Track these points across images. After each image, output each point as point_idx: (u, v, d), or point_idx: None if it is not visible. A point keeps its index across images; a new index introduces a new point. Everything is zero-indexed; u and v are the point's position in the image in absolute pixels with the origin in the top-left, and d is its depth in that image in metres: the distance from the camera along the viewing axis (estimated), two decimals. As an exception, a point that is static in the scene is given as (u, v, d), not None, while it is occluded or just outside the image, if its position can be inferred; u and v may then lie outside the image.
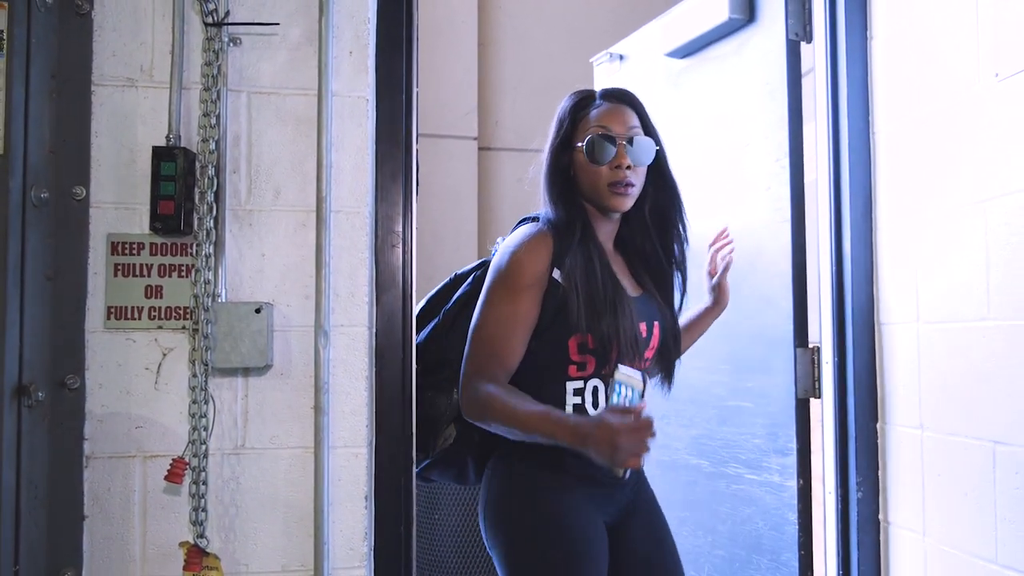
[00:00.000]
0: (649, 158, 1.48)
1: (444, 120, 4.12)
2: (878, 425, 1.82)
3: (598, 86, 2.92)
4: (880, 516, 1.81)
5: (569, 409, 1.46)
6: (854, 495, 1.81)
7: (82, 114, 1.42)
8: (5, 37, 1.30)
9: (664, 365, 1.60)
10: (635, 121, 1.49)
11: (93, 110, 1.43)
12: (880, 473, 1.81)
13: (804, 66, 2.04)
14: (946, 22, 1.62)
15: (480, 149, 4.28)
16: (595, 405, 1.47)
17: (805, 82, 2.03)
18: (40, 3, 1.36)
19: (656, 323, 1.53)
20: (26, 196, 1.33)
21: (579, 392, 1.47)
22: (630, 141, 1.45)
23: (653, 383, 1.61)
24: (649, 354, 1.53)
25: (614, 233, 1.57)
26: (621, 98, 1.52)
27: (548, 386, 1.46)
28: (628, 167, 1.45)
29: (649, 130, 1.51)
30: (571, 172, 1.51)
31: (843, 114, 1.84)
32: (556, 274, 1.44)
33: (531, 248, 1.44)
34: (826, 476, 1.88)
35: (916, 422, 1.70)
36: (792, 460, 2.01)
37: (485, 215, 4.24)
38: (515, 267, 1.43)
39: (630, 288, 1.53)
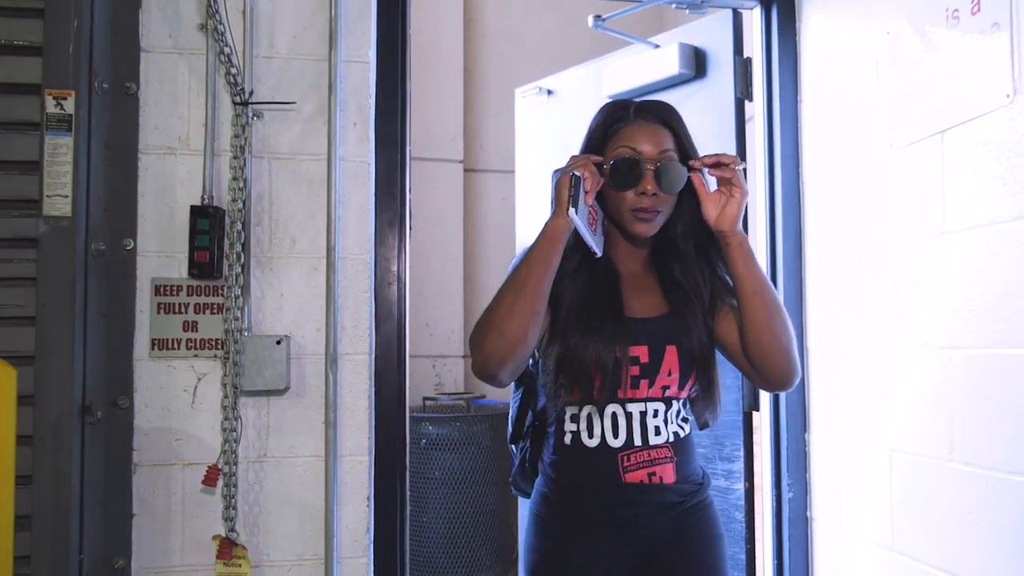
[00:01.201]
0: (679, 185, 1.36)
1: (432, 144, 4.44)
2: (807, 435, 2.15)
3: (520, 119, 3.19)
4: (808, 513, 2.15)
5: (568, 439, 1.44)
6: (786, 495, 2.15)
7: (130, 178, 1.74)
8: (73, 119, 1.61)
9: (705, 390, 1.45)
10: (668, 143, 1.38)
11: (140, 174, 1.75)
12: (808, 476, 2.15)
13: (746, 113, 2.38)
14: (854, 97, 1.96)
15: (466, 171, 4.61)
16: (591, 434, 1.41)
17: (748, 127, 2.37)
18: (98, 88, 1.68)
19: (672, 347, 1.40)
20: (87, 249, 1.65)
21: (575, 419, 1.43)
22: (659, 166, 1.35)
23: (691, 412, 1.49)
24: (668, 381, 1.41)
25: (643, 254, 1.48)
26: (657, 115, 1.41)
27: (553, 411, 1.45)
28: (654, 194, 1.35)
29: (686, 152, 1.40)
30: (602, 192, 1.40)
31: (777, 166, 2.18)
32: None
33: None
34: (764, 480, 2.22)
35: (834, 433, 2.04)
36: (739, 466, 2.34)
37: (470, 234, 4.56)
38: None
39: (643, 309, 1.43)
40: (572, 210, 1.26)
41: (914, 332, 1.75)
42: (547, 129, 3.05)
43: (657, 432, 1.41)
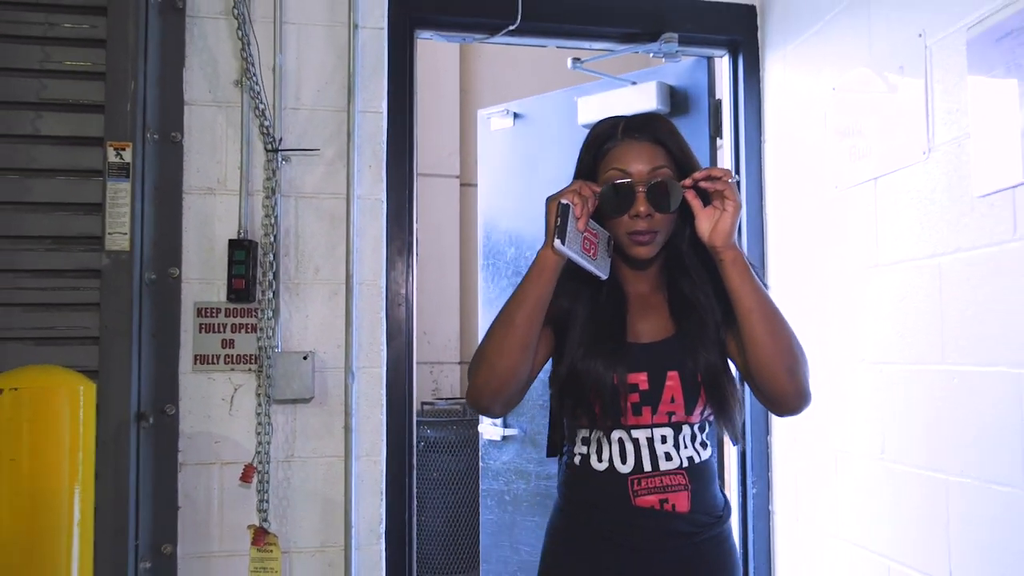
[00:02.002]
0: (673, 204, 1.33)
1: (430, 160, 4.74)
2: (768, 438, 2.46)
3: (482, 138, 3.45)
4: (770, 507, 2.46)
5: (577, 460, 1.44)
6: (751, 491, 2.46)
7: (175, 215, 2.03)
8: (130, 167, 1.91)
9: (719, 412, 1.42)
10: (661, 159, 1.36)
11: (184, 212, 2.04)
12: (771, 474, 2.46)
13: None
14: (808, 140, 2.26)
15: (462, 185, 4.91)
16: (599, 458, 1.40)
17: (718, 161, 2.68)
18: (150, 138, 1.97)
19: (674, 372, 1.38)
20: (142, 278, 1.94)
21: (586, 441, 1.43)
22: (651, 186, 1.33)
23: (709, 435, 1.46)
24: (672, 407, 1.38)
25: (651, 273, 1.46)
26: (647, 132, 1.39)
27: (569, 433, 1.47)
28: (649, 215, 1.34)
29: (682, 164, 1.38)
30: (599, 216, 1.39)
31: (743, 198, 2.49)
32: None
33: None
34: (731, 477, 2.53)
35: (792, 437, 2.35)
36: (713, 465, 2.66)
37: (466, 246, 4.86)
38: None
39: (648, 333, 1.42)
40: (558, 241, 1.25)
41: (855, 349, 2.06)
42: (512, 151, 3.32)
43: (668, 458, 1.38)
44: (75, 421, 1.54)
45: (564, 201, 1.27)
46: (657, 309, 1.45)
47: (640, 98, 2.83)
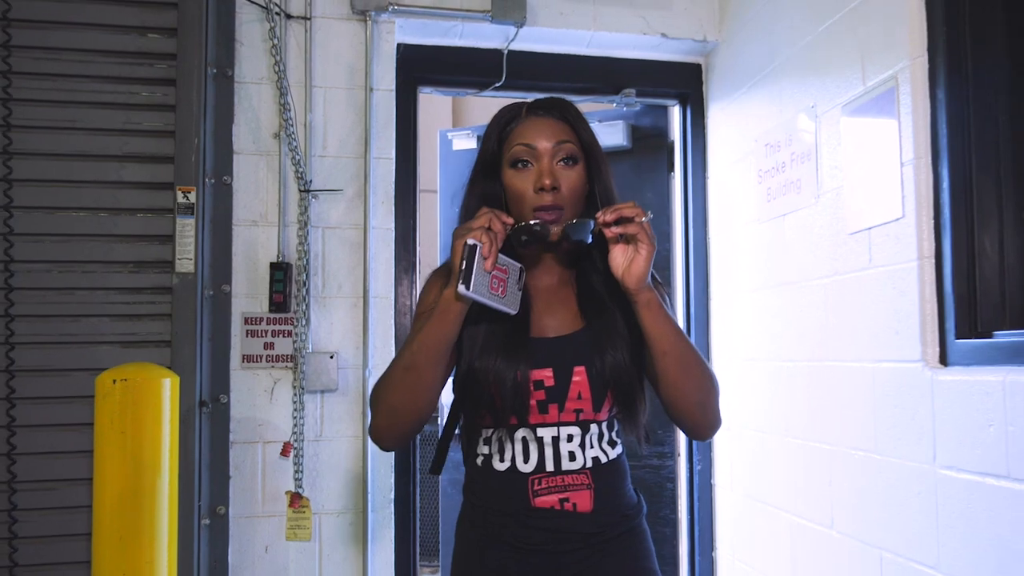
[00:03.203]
0: (587, 236, 1.31)
1: (422, 177, 5.29)
2: (711, 423, 3.04)
3: (444, 158, 3.97)
4: (712, 481, 3.04)
5: (479, 461, 1.43)
6: (696, 468, 3.04)
7: (227, 242, 2.60)
8: (194, 206, 2.47)
9: (625, 413, 1.40)
10: (565, 135, 1.36)
11: (233, 239, 2.60)
12: (712, 453, 3.04)
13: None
14: (739, 180, 2.85)
15: (454, 200, 5.47)
16: (501, 458, 1.39)
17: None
18: (208, 182, 2.54)
19: (580, 367, 1.35)
20: (203, 294, 2.50)
21: (488, 441, 1.41)
22: (568, 225, 1.32)
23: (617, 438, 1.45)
24: (580, 404, 1.36)
25: (558, 265, 1.45)
26: (553, 109, 1.40)
27: (470, 433, 1.45)
28: (554, 188, 1.32)
29: (585, 145, 1.38)
30: (504, 200, 1.39)
31: (691, 225, 3.07)
32: None
33: (424, 290, 1.46)
34: (681, 456, 3.11)
35: (728, 424, 2.92)
36: (669, 449, 3.24)
37: (458, 255, 5.42)
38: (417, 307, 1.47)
39: (555, 327, 1.40)
40: (462, 286, 1.19)
41: (773, 349, 2.64)
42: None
43: (572, 457, 1.37)
44: (162, 404, 2.09)
45: (471, 241, 1.20)
46: (564, 303, 1.43)
47: (608, 133, 3.40)
